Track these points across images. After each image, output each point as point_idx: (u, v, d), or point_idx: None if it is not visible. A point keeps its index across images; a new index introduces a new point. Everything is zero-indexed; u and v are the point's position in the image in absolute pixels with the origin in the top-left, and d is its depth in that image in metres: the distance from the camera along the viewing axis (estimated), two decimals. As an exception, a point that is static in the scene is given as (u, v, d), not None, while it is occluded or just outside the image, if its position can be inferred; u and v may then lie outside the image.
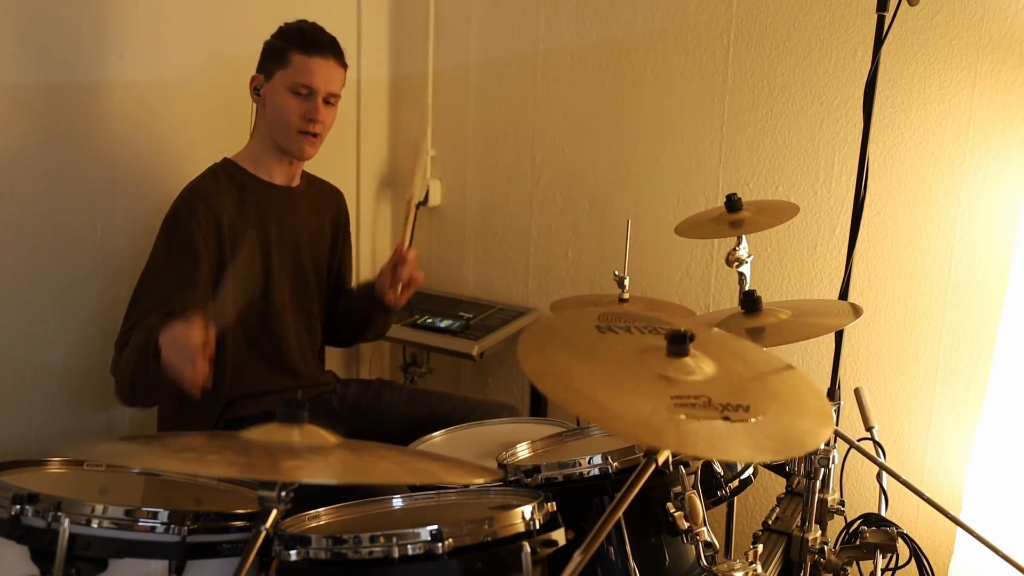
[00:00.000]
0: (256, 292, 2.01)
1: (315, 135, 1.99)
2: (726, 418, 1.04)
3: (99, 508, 1.24)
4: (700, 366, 1.13)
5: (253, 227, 2.00)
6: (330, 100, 2.01)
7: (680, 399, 1.05)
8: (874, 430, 1.99)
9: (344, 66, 2.03)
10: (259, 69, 2.01)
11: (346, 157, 2.87)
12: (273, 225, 2.04)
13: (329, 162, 2.20)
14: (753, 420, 1.05)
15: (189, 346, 1.57)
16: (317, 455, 1.10)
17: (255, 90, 2.01)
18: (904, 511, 2.31)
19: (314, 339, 2.18)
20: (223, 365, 1.95)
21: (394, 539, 1.18)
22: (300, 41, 1.97)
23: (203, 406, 1.93)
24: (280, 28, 2.02)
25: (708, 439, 1.01)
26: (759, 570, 1.49)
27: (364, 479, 1.06)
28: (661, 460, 1.09)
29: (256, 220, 2.01)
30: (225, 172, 2.01)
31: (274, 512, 1.10)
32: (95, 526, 1.23)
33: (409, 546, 1.18)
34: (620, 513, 1.07)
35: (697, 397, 1.06)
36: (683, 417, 1.02)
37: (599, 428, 1.73)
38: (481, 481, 1.21)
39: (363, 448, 1.18)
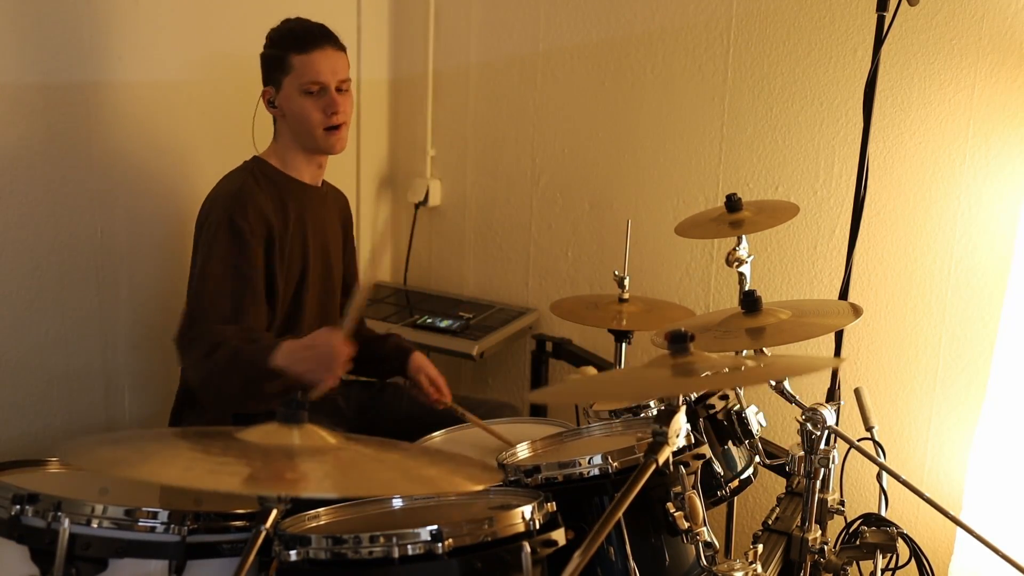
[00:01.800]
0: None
1: (338, 127, 1.99)
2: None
3: (99, 508, 1.24)
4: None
5: (293, 228, 1.99)
6: (342, 88, 1.99)
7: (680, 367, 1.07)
8: (874, 430, 1.98)
9: (342, 48, 2.02)
10: (266, 82, 2.00)
11: (346, 157, 2.85)
12: (309, 226, 2.04)
13: (329, 162, 2.20)
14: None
15: (336, 360, 1.62)
16: (318, 464, 1.09)
17: (270, 103, 2.00)
18: (904, 511, 2.31)
19: None
20: None
21: (394, 539, 1.18)
22: (293, 42, 1.96)
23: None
24: (269, 36, 2.00)
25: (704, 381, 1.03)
26: (759, 570, 1.49)
27: (365, 492, 1.06)
28: (661, 460, 1.09)
29: (296, 220, 2.00)
30: (261, 172, 1.99)
31: (274, 512, 1.10)
32: (95, 526, 1.23)
33: (409, 546, 1.18)
34: (620, 513, 1.07)
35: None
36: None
37: (607, 422, 1.73)
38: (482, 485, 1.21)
39: (364, 450, 1.17)
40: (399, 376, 2.17)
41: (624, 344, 2.14)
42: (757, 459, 1.80)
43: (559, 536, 1.27)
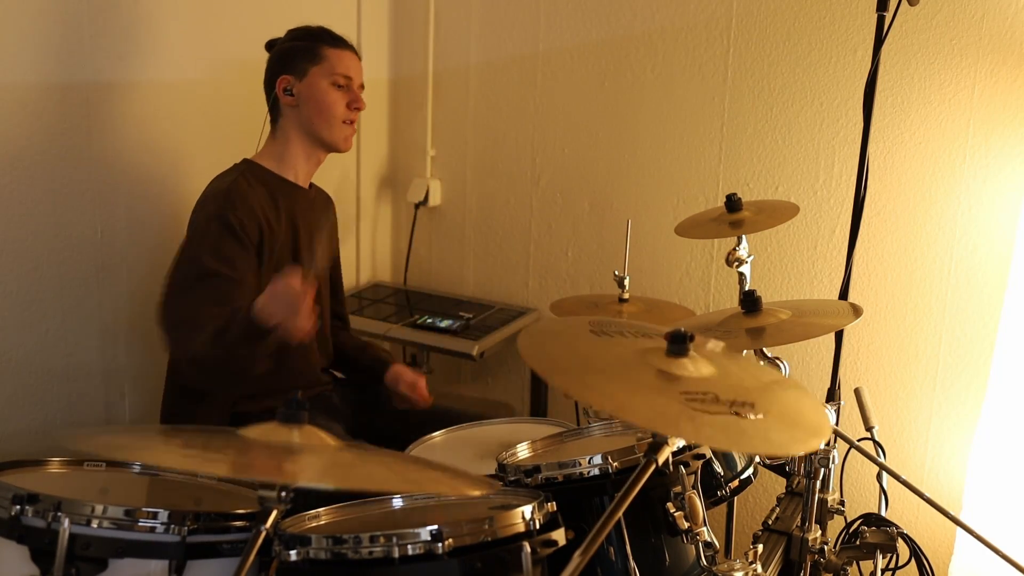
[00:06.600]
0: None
1: (352, 122, 2.06)
2: (736, 413, 1.04)
3: (99, 508, 1.23)
4: (698, 367, 1.13)
5: (285, 229, 1.99)
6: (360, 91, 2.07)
7: (689, 394, 1.06)
8: (874, 430, 1.99)
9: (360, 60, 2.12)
10: (284, 71, 2.00)
11: (346, 157, 2.86)
12: (301, 228, 2.04)
13: (329, 162, 2.20)
14: (759, 416, 1.06)
15: (292, 295, 1.62)
16: (317, 458, 1.10)
17: (285, 91, 2.00)
18: (904, 511, 2.31)
19: (325, 342, 2.18)
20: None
21: (394, 539, 1.18)
22: (328, 37, 2.04)
23: (209, 403, 1.93)
24: (292, 32, 2.03)
25: (724, 432, 1.02)
26: (759, 570, 1.49)
27: (362, 485, 1.06)
28: (661, 460, 1.09)
29: (287, 222, 2.00)
30: (252, 173, 1.99)
31: (274, 512, 1.10)
32: (95, 526, 1.23)
33: (409, 546, 1.18)
34: (620, 513, 1.07)
35: (704, 393, 1.07)
36: (695, 411, 1.03)
37: (607, 422, 1.73)
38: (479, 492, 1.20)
39: (363, 453, 1.18)
40: (377, 385, 2.20)
41: (624, 344, 2.14)
42: (757, 459, 1.80)
43: (559, 536, 1.27)
